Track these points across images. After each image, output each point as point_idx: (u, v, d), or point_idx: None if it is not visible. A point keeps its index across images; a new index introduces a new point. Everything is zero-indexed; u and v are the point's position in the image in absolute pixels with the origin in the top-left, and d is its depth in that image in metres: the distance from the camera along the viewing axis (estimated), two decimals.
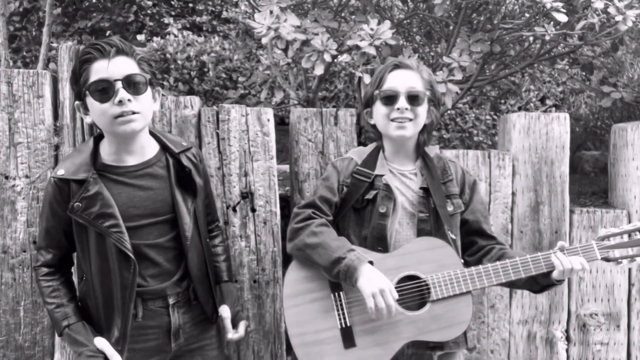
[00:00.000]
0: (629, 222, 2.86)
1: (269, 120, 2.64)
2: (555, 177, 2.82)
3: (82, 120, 2.57)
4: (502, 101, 4.63)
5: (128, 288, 1.88)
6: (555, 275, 1.98)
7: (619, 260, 2.02)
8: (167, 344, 1.98)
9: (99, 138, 1.97)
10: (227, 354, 2.45)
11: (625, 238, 2.04)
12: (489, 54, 3.18)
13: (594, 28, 2.97)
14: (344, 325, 1.97)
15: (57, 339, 2.58)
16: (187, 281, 2.02)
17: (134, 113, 1.82)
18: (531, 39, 3.34)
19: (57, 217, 1.91)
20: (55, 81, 2.62)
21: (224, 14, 5.14)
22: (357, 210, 2.09)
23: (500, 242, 2.18)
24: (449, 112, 4.13)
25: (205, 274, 2.07)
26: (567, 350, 2.84)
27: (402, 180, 2.12)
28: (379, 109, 2.09)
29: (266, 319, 2.64)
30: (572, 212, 2.86)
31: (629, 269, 2.85)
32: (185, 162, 2.01)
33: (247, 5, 4.40)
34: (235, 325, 2.13)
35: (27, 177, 2.58)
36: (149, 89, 1.88)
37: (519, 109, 4.61)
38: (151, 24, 5.31)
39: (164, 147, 2.01)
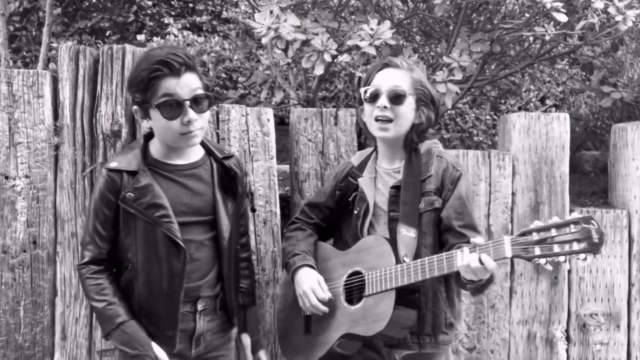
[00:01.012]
0: (629, 222, 2.86)
1: (269, 120, 2.65)
2: (555, 177, 2.82)
3: (82, 120, 2.57)
4: (502, 101, 4.63)
5: (178, 276, 1.93)
6: (462, 273, 1.85)
7: (536, 259, 1.70)
8: (188, 349, 2.01)
9: (148, 137, 2.05)
10: None
11: (557, 232, 1.68)
12: (489, 54, 3.19)
13: (594, 28, 2.97)
14: (305, 314, 2.16)
15: (57, 339, 2.58)
16: (219, 285, 2.06)
17: (197, 130, 1.93)
18: (531, 39, 3.34)
19: (110, 208, 1.96)
20: (55, 81, 2.62)
21: (224, 14, 5.14)
22: (350, 211, 2.18)
23: (472, 239, 1.92)
24: (449, 112, 4.13)
25: (234, 277, 2.11)
26: (567, 350, 2.84)
27: (385, 180, 2.14)
28: (365, 107, 2.13)
29: (266, 318, 2.64)
30: (572, 212, 2.84)
31: (629, 269, 2.85)
32: (231, 166, 2.08)
33: (247, 5, 4.40)
34: (254, 353, 2.19)
35: (27, 177, 2.58)
36: (209, 102, 1.98)
37: (519, 109, 4.61)
38: (151, 24, 5.31)
39: (208, 152, 2.09)
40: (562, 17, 2.81)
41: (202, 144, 2.09)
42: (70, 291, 2.57)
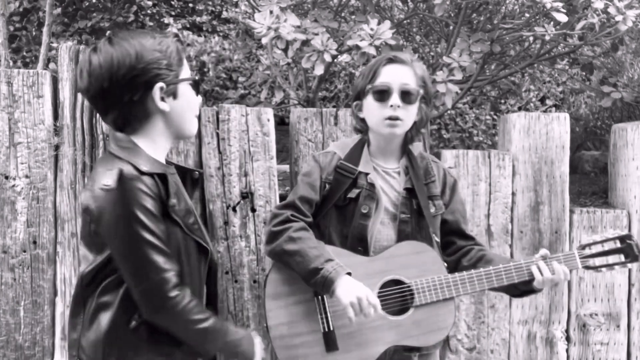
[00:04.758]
0: (629, 222, 2.86)
1: (269, 120, 2.65)
2: (555, 177, 2.82)
3: (82, 120, 2.57)
4: (502, 101, 4.64)
5: (203, 282, 1.70)
6: (535, 284, 1.98)
7: (599, 268, 2.04)
8: None
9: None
10: None
11: (605, 246, 2.04)
12: (489, 54, 3.19)
13: (594, 28, 2.97)
14: (327, 329, 1.95)
15: (57, 339, 2.58)
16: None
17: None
18: (531, 39, 3.34)
19: (160, 218, 1.57)
20: (55, 81, 2.63)
21: (224, 14, 5.14)
22: (340, 208, 2.03)
23: (478, 242, 2.16)
24: (449, 112, 4.13)
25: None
26: (567, 350, 2.84)
27: (386, 178, 2.08)
28: (371, 103, 2.03)
29: None
30: (572, 212, 2.86)
31: (629, 269, 2.85)
32: (191, 168, 1.79)
33: (247, 5, 4.40)
34: None
35: (27, 177, 2.58)
36: None
37: (519, 109, 4.61)
38: (151, 24, 5.31)
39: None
40: (562, 17, 2.81)
41: None
42: (70, 291, 2.57)
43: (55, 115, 2.61)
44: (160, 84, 1.59)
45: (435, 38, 3.79)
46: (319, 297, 1.98)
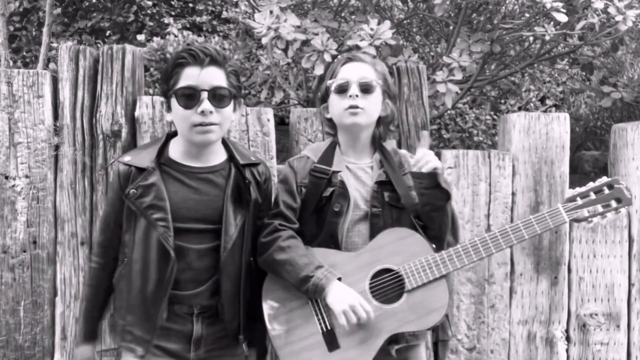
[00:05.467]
0: (629, 222, 2.86)
1: (269, 120, 2.65)
2: (555, 177, 2.82)
3: (82, 120, 2.57)
4: (502, 101, 4.64)
5: (164, 283, 1.90)
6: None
7: (589, 219, 2.00)
8: (187, 350, 1.97)
9: (172, 135, 2.03)
10: None
11: (593, 196, 2.01)
12: (489, 54, 3.19)
13: (594, 28, 2.98)
14: (325, 329, 1.98)
15: (57, 339, 2.58)
16: (217, 297, 1.97)
17: (212, 124, 1.89)
18: (531, 39, 3.34)
19: (116, 201, 1.97)
20: (55, 81, 2.63)
21: (224, 14, 5.14)
22: (318, 208, 2.07)
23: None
24: (449, 112, 4.13)
25: (237, 292, 2.00)
26: (567, 350, 2.84)
27: (358, 175, 2.10)
28: (333, 100, 2.11)
29: None
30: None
31: (629, 269, 2.85)
32: (247, 174, 2.01)
33: (247, 5, 4.40)
34: None
35: (27, 177, 2.58)
36: (232, 102, 1.95)
37: (519, 109, 4.61)
38: (151, 24, 5.31)
39: (231, 157, 2.02)
40: (562, 17, 2.81)
41: (227, 147, 2.03)
42: (70, 291, 2.57)
43: (55, 115, 2.61)
44: (161, 99, 1.97)
45: (435, 38, 3.79)
46: (314, 299, 2.00)
